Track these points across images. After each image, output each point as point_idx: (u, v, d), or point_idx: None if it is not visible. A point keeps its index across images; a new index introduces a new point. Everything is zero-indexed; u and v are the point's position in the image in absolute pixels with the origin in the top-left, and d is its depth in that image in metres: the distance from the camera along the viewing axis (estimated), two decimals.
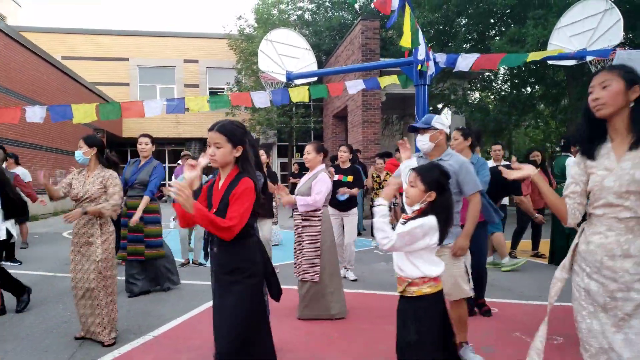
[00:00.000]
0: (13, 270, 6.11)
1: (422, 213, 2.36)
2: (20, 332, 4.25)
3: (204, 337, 3.95)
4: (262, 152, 5.07)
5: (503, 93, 16.16)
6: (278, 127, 22.49)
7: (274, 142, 24.12)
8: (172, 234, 8.60)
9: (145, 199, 5.38)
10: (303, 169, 8.13)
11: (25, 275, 6.63)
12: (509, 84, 16.77)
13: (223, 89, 25.41)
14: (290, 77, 8.43)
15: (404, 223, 2.36)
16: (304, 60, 8.49)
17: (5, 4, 28.23)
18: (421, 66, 6.19)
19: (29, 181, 9.37)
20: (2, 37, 13.79)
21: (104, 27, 26.06)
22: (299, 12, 23.26)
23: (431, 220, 2.32)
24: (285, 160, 24.56)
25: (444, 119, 3.56)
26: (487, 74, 16.32)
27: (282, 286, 2.76)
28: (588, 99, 2.17)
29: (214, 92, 26.35)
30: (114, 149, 22.73)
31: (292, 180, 14.05)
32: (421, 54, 6.02)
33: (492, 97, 16.74)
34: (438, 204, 2.36)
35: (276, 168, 24.68)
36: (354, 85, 7.07)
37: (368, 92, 14.31)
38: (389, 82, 7.13)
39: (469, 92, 16.17)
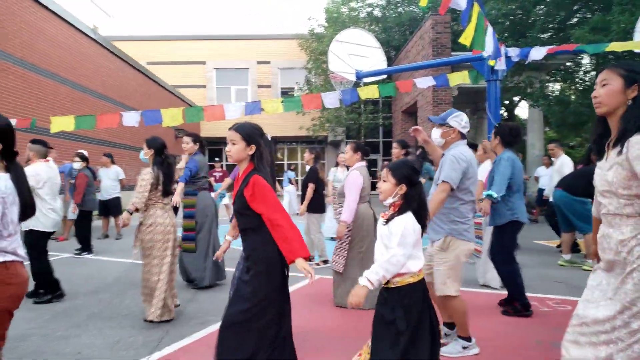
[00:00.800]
0: (101, 257, 6.80)
1: (398, 209, 2.51)
2: (121, 311, 4.79)
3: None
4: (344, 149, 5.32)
5: (588, 83, 15.22)
6: (347, 124, 22.69)
7: (342, 139, 24.36)
8: None
9: (180, 185, 5.53)
10: (370, 165, 8.28)
11: (116, 263, 7.35)
12: (593, 73, 15.83)
13: (294, 88, 26.04)
14: (360, 76, 8.60)
15: (385, 223, 2.51)
16: (374, 58, 8.65)
17: (97, 15, 30.64)
18: (492, 61, 6.13)
19: (122, 178, 10.29)
20: (96, 47, 15.09)
21: (183, 33, 27.52)
22: (369, 9, 23.28)
23: (407, 222, 2.45)
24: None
25: (462, 119, 3.62)
26: (568, 63, 15.51)
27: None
28: None
29: (285, 92, 27.07)
30: None
31: None
32: (489, 49, 5.98)
33: (573, 88, 15.84)
34: (410, 196, 2.51)
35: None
36: (423, 82, 7.11)
37: (440, 86, 14.14)
38: (459, 79, 7.10)
39: (547, 84, 15.42)
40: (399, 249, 2.39)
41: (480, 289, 5.70)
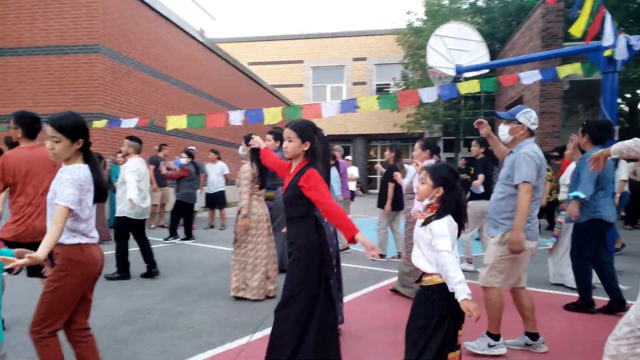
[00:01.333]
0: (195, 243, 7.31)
1: (436, 211, 2.50)
2: (227, 293, 5.17)
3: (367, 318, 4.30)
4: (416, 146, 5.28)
5: None
6: (444, 120, 22.07)
7: (439, 136, 23.76)
8: None
9: None
10: (470, 163, 8.04)
11: (221, 251, 7.87)
12: None
13: (389, 84, 25.84)
14: (460, 71, 8.34)
15: (423, 224, 2.50)
16: (475, 52, 8.34)
17: (202, 18, 32.74)
18: (608, 51, 5.66)
19: (226, 173, 10.96)
20: (204, 50, 16.20)
21: (282, 33, 28.57)
22: (472, 0, 22.38)
23: (448, 224, 2.45)
24: (452, 154, 24.03)
25: (531, 116, 3.55)
26: None
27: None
28: None
29: (380, 89, 26.98)
30: None
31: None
32: (607, 39, 5.51)
33: None
34: (447, 199, 2.49)
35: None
36: (529, 77, 6.72)
37: (545, 81, 13.29)
38: (570, 71, 6.64)
39: None
40: (447, 248, 2.39)
41: (551, 289, 5.59)
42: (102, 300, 4.94)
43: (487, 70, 8.87)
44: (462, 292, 2.28)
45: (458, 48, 8.25)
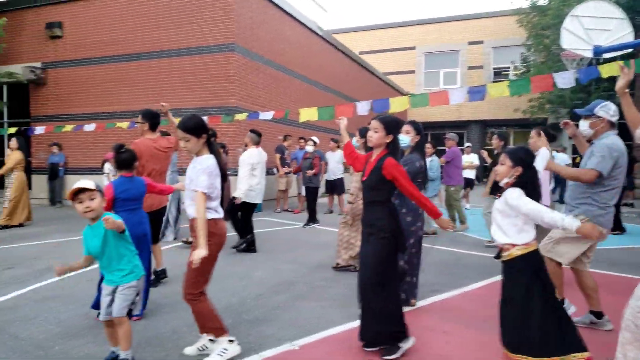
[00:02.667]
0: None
1: (512, 185, 2.74)
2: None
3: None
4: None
5: None
6: (572, 104, 20.44)
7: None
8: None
9: None
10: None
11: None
12: None
13: (508, 67, 24.58)
14: (599, 52, 7.85)
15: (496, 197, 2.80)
16: (617, 31, 7.76)
17: (314, 10, 33.63)
18: None
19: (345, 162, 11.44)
20: (321, 43, 16.82)
21: (393, 20, 28.41)
22: None
23: (518, 190, 2.71)
24: None
25: (610, 108, 3.64)
26: None
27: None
28: None
29: (497, 72, 25.79)
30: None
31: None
32: None
33: None
34: (525, 178, 2.72)
35: (569, 151, 22.64)
36: None
37: None
38: None
39: None
40: (528, 201, 2.65)
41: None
42: (253, 272, 5.64)
43: (629, 50, 8.22)
44: (571, 224, 2.56)
45: (597, 27, 7.77)
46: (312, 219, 9.73)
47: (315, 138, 11.15)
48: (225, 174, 3.30)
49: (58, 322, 3.91)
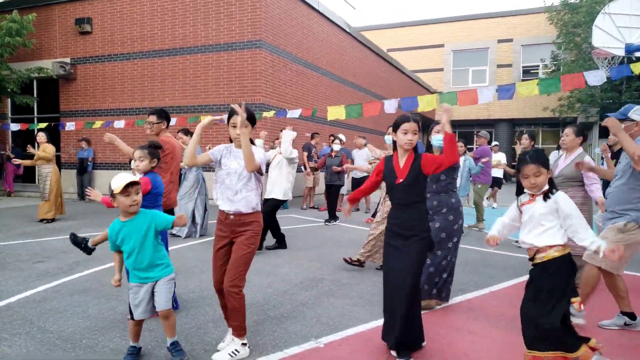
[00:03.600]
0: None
1: (550, 187, 2.75)
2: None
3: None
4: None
5: None
6: (603, 103, 19.97)
7: (595, 121, 21.62)
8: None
9: None
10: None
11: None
12: None
13: (537, 66, 24.11)
14: (631, 50, 7.69)
15: (544, 199, 2.74)
16: None
17: (343, 8, 33.52)
18: None
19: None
20: (350, 40, 16.81)
21: (421, 18, 28.17)
22: None
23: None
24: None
25: None
26: None
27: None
28: None
29: (527, 71, 25.33)
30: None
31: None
32: None
33: None
34: (552, 179, 2.77)
35: (594, 151, 22.10)
36: None
37: None
38: None
39: None
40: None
41: None
42: (279, 269, 5.70)
43: None
44: (595, 245, 2.62)
45: (629, 25, 7.58)
46: (333, 216, 9.77)
47: (342, 136, 11.17)
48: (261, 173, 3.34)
49: (86, 316, 4.00)
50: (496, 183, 12.44)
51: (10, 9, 13.05)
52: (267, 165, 6.82)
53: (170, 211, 4.44)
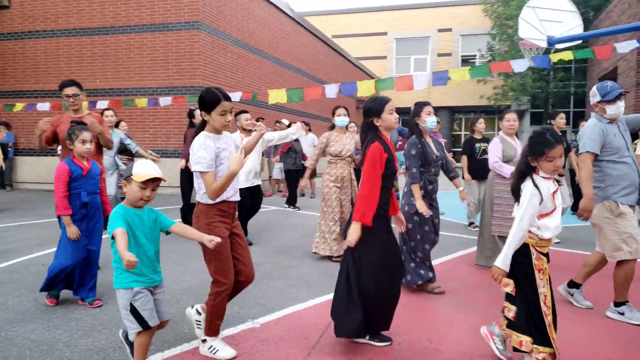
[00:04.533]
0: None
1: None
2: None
3: None
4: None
5: None
6: (533, 92, 21.20)
7: (526, 109, 22.87)
8: None
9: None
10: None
11: (313, 216, 8.45)
12: None
13: (475, 55, 25.04)
14: (552, 42, 8.18)
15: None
16: (568, 23, 8.11)
17: None
18: None
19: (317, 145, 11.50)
20: (293, 24, 16.70)
21: (366, 5, 28.42)
22: None
23: None
24: (539, 127, 23.06)
25: None
26: None
27: None
28: None
29: (465, 60, 26.23)
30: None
31: None
32: None
33: None
34: None
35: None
36: (625, 46, 6.56)
37: None
38: None
39: None
40: None
41: None
42: None
43: (579, 42, 8.58)
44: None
45: (550, 19, 8.05)
46: (294, 201, 9.83)
47: (285, 120, 11.15)
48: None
49: (5, 308, 3.81)
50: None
51: None
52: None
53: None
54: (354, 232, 2.99)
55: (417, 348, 3.17)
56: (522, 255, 2.67)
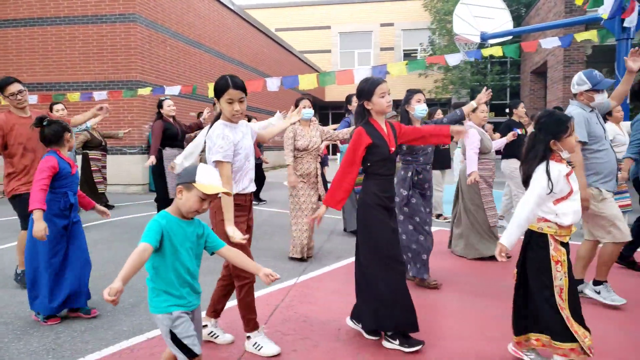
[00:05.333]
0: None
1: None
2: (272, 246, 5.75)
3: None
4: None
5: None
6: (471, 85, 22.07)
7: (466, 101, 23.72)
8: None
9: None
10: (495, 128, 8.33)
11: (257, 211, 8.46)
12: None
13: (417, 50, 25.68)
14: (485, 38, 8.59)
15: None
16: (499, 19, 8.56)
17: None
18: (605, 15, 5.93)
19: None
20: (234, 17, 16.50)
21: None
22: None
23: None
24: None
25: None
26: None
27: None
28: None
29: (408, 54, 26.82)
30: (318, 112, 25.13)
31: None
32: (606, 7, 5.80)
33: None
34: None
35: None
36: (549, 42, 7.00)
37: (571, 45, 13.23)
38: (588, 37, 6.88)
39: None
40: None
41: None
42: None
43: (510, 37, 9.05)
44: None
45: (483, 15, 8.46)
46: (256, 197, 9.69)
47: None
48: None
49: None
50: None
51: None
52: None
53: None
54: (319, 212, 3.02)
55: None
56: (539, 247, 2.57)
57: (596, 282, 3.77)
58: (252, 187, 2.92)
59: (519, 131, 6.37)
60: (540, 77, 18.28)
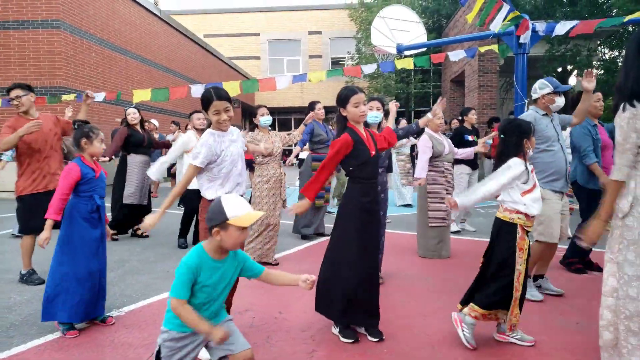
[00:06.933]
0: None
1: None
2: None
3: None
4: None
5: None
6: (395, 93, 23.09)
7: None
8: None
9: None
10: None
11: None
12: None
13: (344, 57, 26.55)
14: (400, 49, 9.26)
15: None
16: (414, 32, 9.25)
17: None
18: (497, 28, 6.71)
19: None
20: (161, 24, 16.40)
21: (237, 5, 28.53)
22: None
23: None
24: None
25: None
26: (620, 30, 15.22)
27: None
28: None
29: (335, 62, 27.64)
30: (248, 117, 25.26)
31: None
32: (495, 25, 6.61)
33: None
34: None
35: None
36: (456, 55, 7.79)
37: (484, 56, 14.43)
38: (489, 48, 7.75)
39: (595, 52, 15.24)
40: None
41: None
42: None
43: (425, 49, 9.81)
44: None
45: (399, 28, 9.12)
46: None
47: (154, 121, 11.06)
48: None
49: None
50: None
51: None
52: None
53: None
54: (300, 205, 3.25)
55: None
56: (508, 234, 2.97)
57: (535, 277, 4.15)
58: (240, 190, 3.06)
59: (470, 138, 6.76)
60: (459, 85, 19.57)
